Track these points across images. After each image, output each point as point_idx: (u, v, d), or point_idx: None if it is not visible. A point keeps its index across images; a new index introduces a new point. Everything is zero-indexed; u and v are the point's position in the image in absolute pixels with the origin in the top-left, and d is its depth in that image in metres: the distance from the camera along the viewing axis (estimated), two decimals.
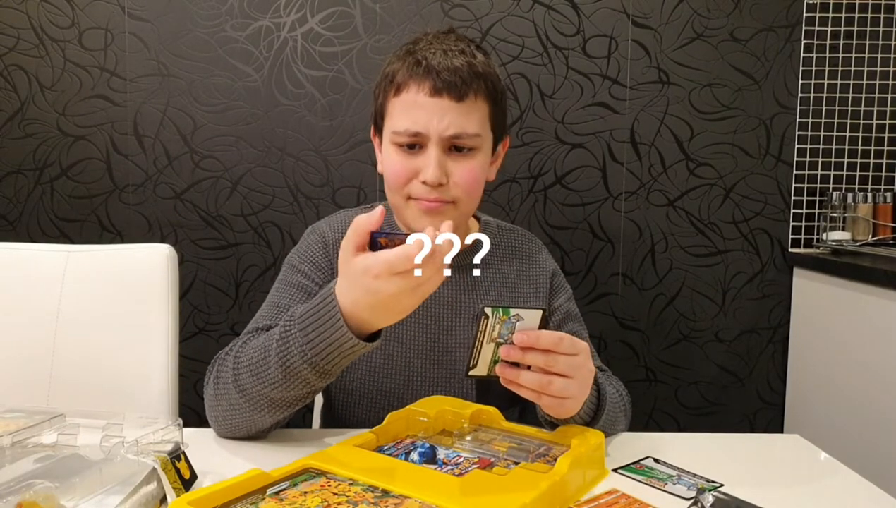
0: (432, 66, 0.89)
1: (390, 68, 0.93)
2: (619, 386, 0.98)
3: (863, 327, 1.53)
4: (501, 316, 0.71)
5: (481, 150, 0.93)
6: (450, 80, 0.88)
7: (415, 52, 0.92)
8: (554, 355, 0.72)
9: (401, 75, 0.91)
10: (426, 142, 0.90)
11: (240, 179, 1.77)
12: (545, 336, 0.72)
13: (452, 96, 0.89)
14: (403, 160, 0.91)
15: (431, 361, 0.97)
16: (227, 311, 1.79)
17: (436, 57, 0.89)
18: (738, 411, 1.87)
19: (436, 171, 0.89)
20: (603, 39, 1.77)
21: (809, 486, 0.76)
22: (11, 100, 1.74)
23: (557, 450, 0.75)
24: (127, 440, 0.66)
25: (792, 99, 1.80)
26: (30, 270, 1.13)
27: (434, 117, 0.89)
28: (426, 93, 0.89)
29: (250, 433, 0.84)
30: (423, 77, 0.89)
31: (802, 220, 1.83)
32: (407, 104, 0.90)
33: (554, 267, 1.09)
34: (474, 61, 0.91)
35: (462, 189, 0.92)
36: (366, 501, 0.60)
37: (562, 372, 0.73)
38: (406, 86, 0.90)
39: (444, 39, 0.93)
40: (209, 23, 1.73)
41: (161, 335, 1.12)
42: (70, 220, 1.77)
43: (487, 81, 0.92)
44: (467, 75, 0.89)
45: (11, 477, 0.62)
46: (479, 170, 0.93)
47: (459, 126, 0.89)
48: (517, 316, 0.72)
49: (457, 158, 0.91)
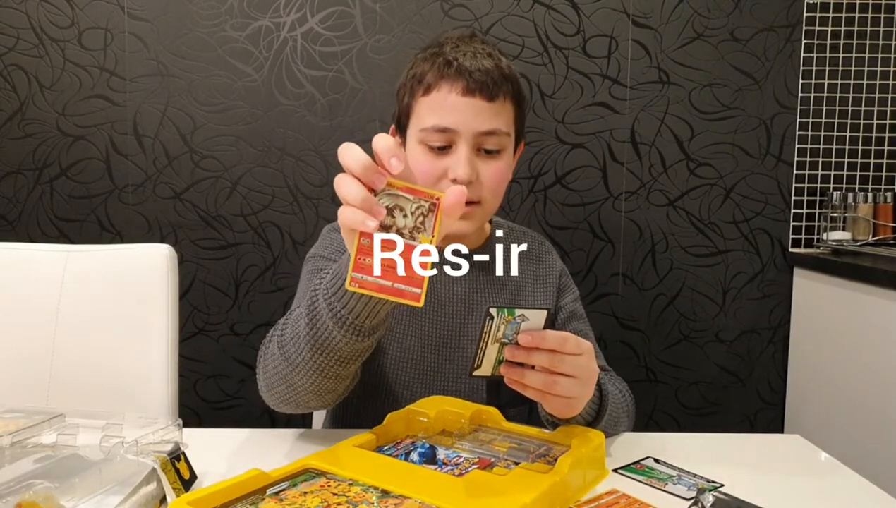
0: (464, 67, 0.90)
1: (418, 69, 0.94)
2: (622, 386, 0.98)
3: (863, 327, 1.53)
4: (507, 316, 0.71)
5: (507, 151, 0.95)
6: (482, 81, 0.89)
7: (443, 53, 0.92)
8: (559, 355, 0.72)
9: (431, 75, 0.92)
10: (456, 141, 0.91)
11: (239, 179, 1.77)
12: (550, 336, 0.72)
13: (484, 96, 0.90)
14: (432, 160, 0.92)
15: (445, 356, 0.99)
16: (226, 311, 1.79)
17: (466, 58, 0.91)
18: (738, 411, 1.87)
19: (467, 168, 0.89)
20: (603, 39, 1.77)
21: (809, 486, 0.76)
22: (11, 100, 1.74)
23: (558, 450, 0.75)
24: (127, 440, 0.66)
25: (792, 99, 1.80)
26: (30, 270, 1.13)
27: (467, 116, 0.90)
28: (459, 93, 0.90)
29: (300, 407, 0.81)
30: (455, 77, 0.90)
31: (803, 220, 1.83)
32: (438, 103, 0.91)
33: (562, 267, 1.11)
34: (501, 64, 0.93)
35: (489, 189, 0.93)
36: (366, 501, 0.60)
37: (566, 372, 0.73)
38: (437, 85, 0.91)
39: (470, 42, 0.95)
40: (209, 23, 1.73)
41: (161, 335, 1.12)
42: (70, 220, 1.76)
43: (515, 84, 0.95)
44: (497, 77, 0.91)
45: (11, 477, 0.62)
46: (506, 170, 0.95)
47: (491, 124, 0.91)
48: (522, 316, 0.71)
49: (485, 159, 0.93)
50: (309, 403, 0.80)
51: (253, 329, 1.79)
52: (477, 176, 0.91)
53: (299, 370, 0.76)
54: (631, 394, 0.99)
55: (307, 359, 0.74)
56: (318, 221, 1.77)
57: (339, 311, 0.70)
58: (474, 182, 0.91)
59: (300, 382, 0.77)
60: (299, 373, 0.76)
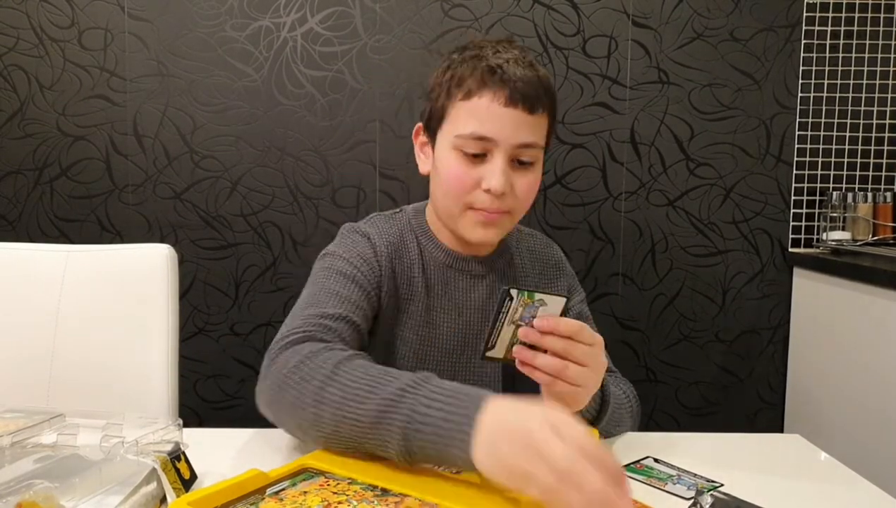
0: (508, 76, 0.88)
1: (457, 71, 0.91)
2: (626, 388, 0.98)
3: (863, 327, 1.53)
4: (525, 298, 0.71)
5: (539, 162, 0.94)
6: (525, 92, 0.88)
7: (485, 56, 0.90)
8: (573, 342, 0.72)
9: (472, 81, 0.89)
10: (492, 150, 0.89)
11: (240, 179, 1.77)
12: (566, 322, 0.72)
13: (526, 108, 0.88)
14: (467, 168, 0.90)
15: (461, 364, 0.98)
16: (226, 311, 1.79)
17: (509, 66, 0.89)
18: (738, 411, 1.87)
19: (501, 179, 0.88)
20: (603, 39, 1.77)
21: (809, 486, 0.76)
22: (11, 101, 1.74)
23: None
24: (127, 440, 0.66)
25: (792, 99, 1.80)
26: (30, 270, 1.13)
27: (507, 126, 0.88)
28: (501, 103, 0.88)
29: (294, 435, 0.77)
30: (498, 85, 0.88)
31: (802, 220, 1.83)
32: (478, 110, 0.89)
33: (570, 271, 1.11)
34: (541, 74, 0.91)
35: (521, 200, 0.92)
36: (366, 500, 0.60)
37: (578, 359, 0.73)
38: (479, 92, 0.89)
39: (510, 48, 0.93)
40: (209, 23, 1.73)
41: (161, 335, 1.12)
42: (70, 220, 1.77)
43: (553, 97, 0.93)
44: (539, 88, 0.89)
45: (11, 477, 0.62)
46: (537, 182, 0.94)
47: (530, 137, 0.89)
48: (541, 300, 0.71)
49: (518, 170, 0.91)
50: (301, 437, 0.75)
51: (253, 329, 1.79)
52: (511, 187, 0.90)
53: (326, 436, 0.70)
54: (636, 396, 0.99)
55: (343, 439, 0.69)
56: (319, 221, 1.77)
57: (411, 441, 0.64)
58: (507, 193, 0.90)
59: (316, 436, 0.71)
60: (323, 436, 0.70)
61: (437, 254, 0.99)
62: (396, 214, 1.04)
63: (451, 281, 0.99)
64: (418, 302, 0.97)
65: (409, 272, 0.98)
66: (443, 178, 0.93)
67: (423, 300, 0.97)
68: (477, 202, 0.91)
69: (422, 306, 0.97)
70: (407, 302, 0.97)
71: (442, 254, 0.99)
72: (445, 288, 0.98)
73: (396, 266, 0.97)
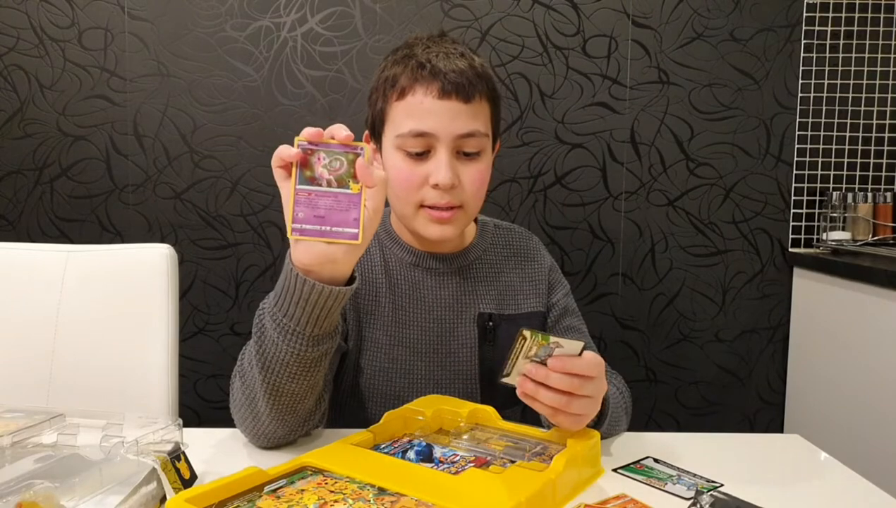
0: (438, 69, 0.88)
1: (390, 72, 0.92)
2: (618, 383, 0.98)
3: (863, 327, 1.53)
4: (540, 340, 0.71)
5: (486, 152, 0.93)
6: (457, 82, 0.88)
7: (415, 55, 0.90)
8: (580, 379, 0.70)
9: (405, 79, 0.89)
10: (435, 145, 0.89)
11: (240, 179, 1.77)
12: (579, 363, 0.70)
13: (461, 98, 0.88)
14: (412, 167, 0.90)
15: (435, 363, 0.97)
16: (227, 311, 1.79)
17: (439, 59, 0.89)
18: (738, 411, 1.87)
19: (447, 172, 0.88)
20: (603, 39, 1.77)
21: (809, 486, 0.76)
22: (11, 101, 1.74)
23: (554, 449, 0.75)
24: (127, 440, 0.66)
25: (792, 99, 1.80)
26: (30, 270, 1.13)
27: (444, 119, 0.88)
28: (434, 96, 0.88)
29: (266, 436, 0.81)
30: (429, 79, 0.88)
31: (802, 220, 1.83)
32: (413, 107, 0.89)
33: (551, 262, 1.09)
34: (474, 63, 0.91)
35: (471, 192, 0.92)
36: (362, 499, 0.61)
37: (585, 394, 0.72)
38: (411, 89, 0.89)
39: (441, 42, 0.93)
40: (209, 23, 1.73)
41: (161, 335, 1.12)
42: (70, 220, 1.77)
43: (489, 82, 0.93)
44: (472, 76, 0.89)
45: (11, 477, 0.62)
46: (486, 172, 0.94)
47: (470, 126, 0.89)
48: (556, 343, 0.70)
49: (464, 162, 0.91)
50: (276, 432, 0.80)
51: None
52: (458, 179, 0.90)
53: (256, 394, 0.78)
54: (628, 389, 0.99)
55: (260, 381, 0.77)
56: None
57: (281, 321, 0.73)
58: (456, 186, 0.90)
59: (261, 408, 0.79)
60: (258, 398, 0.78)
61: (403, 255, 0.99)
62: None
63: (420, 280, 0.98)
64: (384, 303, 0.97)
65: (370, 275, 0.98)
66: (391, 180, 0.93)
67: (390, 301, 0.97)
68: (427, 199, 0.91)
69: (388, 307, 0.97)
70: (371, 303, 0.97)
71: (407, 255, 0.99)
72: (413, 287, 0.98)
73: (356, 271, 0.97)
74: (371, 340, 0.96)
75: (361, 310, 0.97)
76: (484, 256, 1.03)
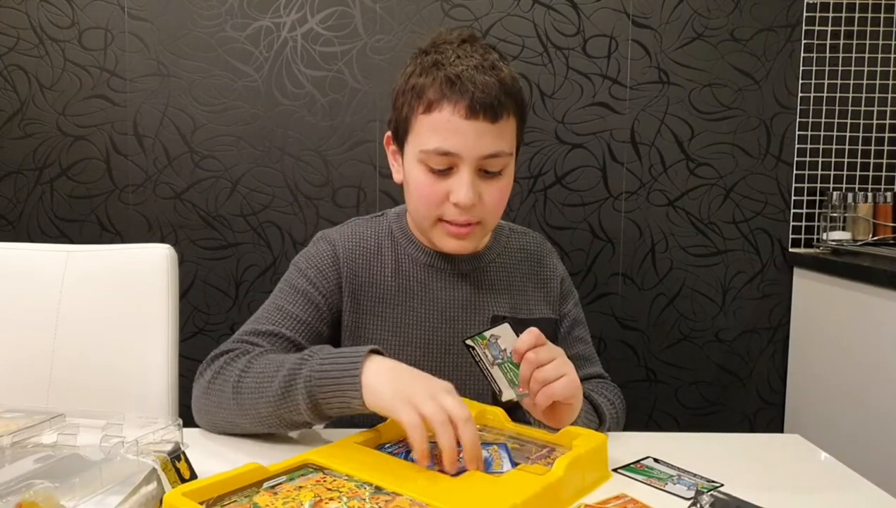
0: (467, 86, 0.85)
1: (417, 81, 0.89)
2: (612, 395, 0.98)
3: (863, 327, 1.53)
4: (482, 341, 0.76)
5: (509, 169, 0.93)
6: (485, 101, 0.85)
7: (443, 64, 0.88)
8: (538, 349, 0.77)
9: (432, 92, 0.87)
10: (458, 164, 0.88)
11: (240, 179, 1.77)
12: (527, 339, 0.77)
13: (488, 117, 0.86)
14: (434, 182, 0.89)
15: (446, 363, 0.97)
16: (227, 311, 1.79)
17: (468, 72, 0.86)
18: (738, 411, 1.87)
19: (469, 193, 0.87)
20: (603, 39, 1.77)
21: (809, 486, 0.76)
22: (11, 101, 1.74)
23: (559, 452, 0.74)
24: (127, 440, 0.66)
25: (792, 99, 1.80)
26: (30, 270, 1.13)
27: (470, 139, 0.86)
28: (461, 116, 0.86)
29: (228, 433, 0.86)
30: (457, 96, 0.86)
31: (802, 220, 1.83)
32: (440, 124, 0.87)
33: (563, 272, 1.09)
34: (504, 76, 0.88)
35: (490, 209, 0.92)
36: (358, 497, 0.61)
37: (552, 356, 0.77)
38: (438, 105, 0.87)
39: (471, 51, 0.90)
40: (209, 23, 1.73)
41: (161, 335, 1.12)
42: (70, 220, 1.77)
43: (517, 96, 0.91)
44: (500, 93, 0.87)
45: (11, 477, 0.62)
46: (507, 189, 0.93)
47: (495, 147, 0.88)
48: (493, 336, 0.77)
49: (487, 179, 0.90)
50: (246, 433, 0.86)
51: None
52: (479, 198, 0.89)
53: (251, 420, 0.82)
54: (622, 401, 1.00)
55: (263, 417, 0.80)
56: (319, 221, 1.77)
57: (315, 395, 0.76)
58: (476, 204, 0.89)
59: (245, 424, 0.83)
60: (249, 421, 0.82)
61: (418, 255, 0.99)
62: (377, 217, 1.04)
63: (433, 280, 0.98)
64: (393, 304, 0.97)
65: (379, 275, 0.98)
66: (412, 192, 0.93)
67: (400, 302, 0.97)
68: (446, 214, 0.90)
69: (399, 308, 0.97)
70: (377, 303, 0.97)
71: (422, 255, 0.99)
72: (427, 288, 0.98)
73: (361, 268, 0.97)
74: (376, 340, 0.96)
75: (363, 310, 0.96)
76: (498, 260, 1.03)
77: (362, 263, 0.98)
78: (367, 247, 0.99)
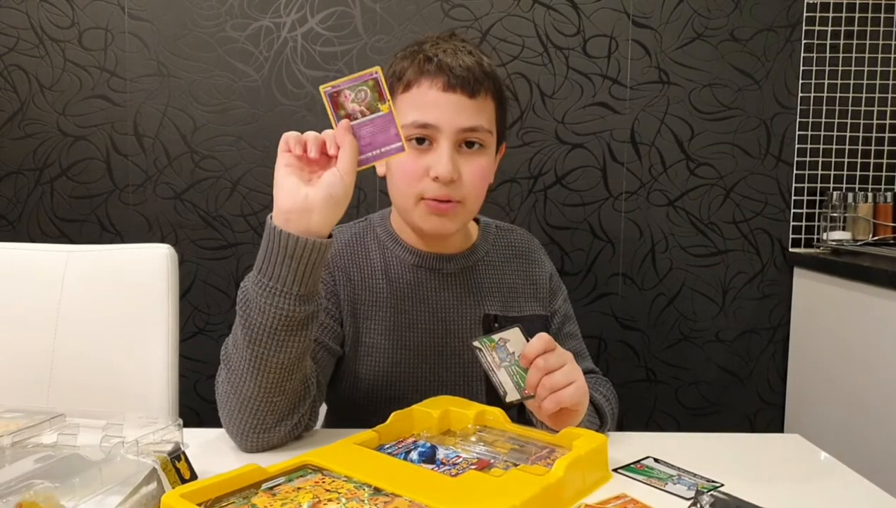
0: (445, 63, 0.89)
1: (397, 66, 0.93)
2: (606, 391, 0.98)
3: (863, 327, 1.53)
4: (489, 344, 0.76)
5: (488, 149, 0.94)
6: (463, 77, 0.88)
7: (423, 50, 0.91)
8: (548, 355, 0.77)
9: (411, 72, 0.90)
10: (437, 137, 0.89)
11: (240, 179, 1.77)
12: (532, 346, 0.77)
13: (466, 92, 0.89)
14: (413, 157, 0.90)
15: (440, 365, 0.97)
16: (226, 311, 1.79)
17: (447, 55, 0.90)
18: (738, 411, 1.87)
19: (448, 165, 0.88)
20: (603, 39, 1.77)
21: (809, 486, 0.76)
22: (11, 101, 1.74)
23: (560, 453, 0.74)
24: (127, 440, 0.66)
25: (792, 99, 1.80)
26: (30, 270, 1.13)
27: (448, 111, 0.89)
28: (439, 88, 0.89)
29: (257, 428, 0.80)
30: (435, 73, 0.89)
31: (802, 220, 1.83)
32: (418, 99, 0.90)
33: (551, 267, 1.09)
34: (482, 61, 0.92)
35: (470, 187, 0.92)
36: (356, 498, 0.60)
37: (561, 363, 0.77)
38: (417, 82, 0.90)
39: (450, 40, 0.94)
40: (209, 23, 1.73)
41: (161, 335, 1.12)
42: (70, 220, 1.77)
43: (496, 81, 0.94)
44: (479, 73, 0.90)
45: (11, 477, 0.62)
46: (487, 168, 0.94)
47: (474, 120, 0.90)
48: (502, 338, 0.77)
49: (466, 155, 0.91)
50: (265, 420, 0.79)
51: None
52: (459, 174, 0.90)
53: (243, 376, 0.78)
54: (615, 396, 1.00)
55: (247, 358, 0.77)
56: None
57: (267, 285, 0.76)
58: (456, 180, 0.90)
59: (248, 392, 0.78)
60: (245, 381, 0.78)
61: (405, 256, 0.99)
62: (360, 223, 1.04)
63: (422, 281, 0.98)
64: (385, 307, 0.97)
65: (370, 279, 0.98)
66: (392, 171, 0.94)
67: (391, 304, 0.97)
68: (427, 191, 0.91)
69: (390, 310, 0.97)
70: (371, 308, 0.97)
71: (410, 256, 0.99)
72: (416, 289, 0.98)
73: (354, 274, 0.97)
74: (371, 345, 0.96)
75: (360, 316, 0.96)
76: (487, 257, 1.03)
77: (355, 270, 0.98)
78: (355, 252, 0.99)
